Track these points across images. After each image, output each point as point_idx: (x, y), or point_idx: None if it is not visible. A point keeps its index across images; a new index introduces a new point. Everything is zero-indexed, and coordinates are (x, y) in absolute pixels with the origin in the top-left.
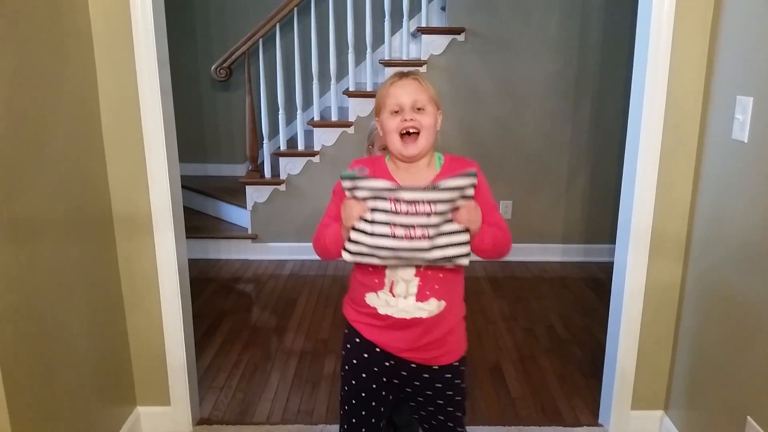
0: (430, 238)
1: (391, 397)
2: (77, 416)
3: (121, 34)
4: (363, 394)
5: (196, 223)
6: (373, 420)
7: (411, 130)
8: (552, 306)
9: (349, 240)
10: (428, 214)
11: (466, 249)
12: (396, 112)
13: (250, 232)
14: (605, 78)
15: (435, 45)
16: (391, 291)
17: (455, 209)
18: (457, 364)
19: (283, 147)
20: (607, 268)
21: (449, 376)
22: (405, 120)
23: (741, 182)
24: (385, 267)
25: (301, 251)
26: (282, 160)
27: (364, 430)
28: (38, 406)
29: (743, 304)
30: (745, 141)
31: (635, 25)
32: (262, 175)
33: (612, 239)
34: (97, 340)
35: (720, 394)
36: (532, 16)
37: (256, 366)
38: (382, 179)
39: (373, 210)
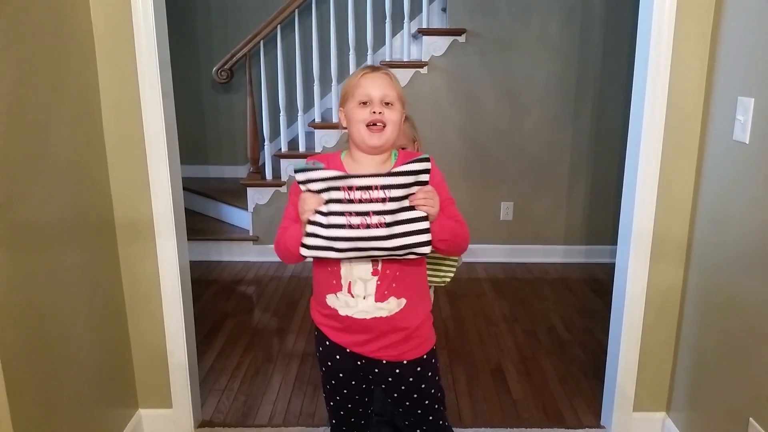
0: (387, 225)
1: (372, 388)
2: (79, 419)
3: (123, 37)
4: (345, 391)
5: (198, 225)
6: (360, 410)
7: (378, 124)
8: (553, 307)
9: (306, 234)
10: (383, 200)
11: (426, 237)
12: (364, 103)
13: (251, 234)
14: (606, 79)
15: (436, 46)
16: (349, 291)
17: (411, 196)
18: (426, 357)
19: (284, 149)
20: (608, 270)
21: (419, 369)
22: (374, 112)
23: (742, 184)
24: (340, 268)
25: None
26: (283, 162)
27: (353, 420)
28: (40, 409)
29: (745, 306)
30: (747, 142)
31: (636, 27)
32: (264, 177)
33: (613, 241)
34: (99, 343)
35: (722, 396)
36: (533, 18)
37: (258, 368)
38: (334, 169)
39: (328, 201)
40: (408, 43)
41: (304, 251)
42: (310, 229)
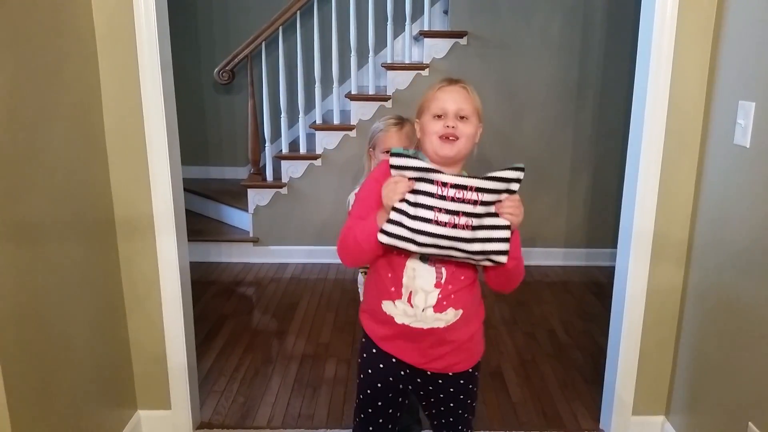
0: (473, 228)
1: (406, 402)
2: (78, 419)
3: (125, 38)
4: (379, 403)
5: (198, 226)
6: (390, 426)
7: (450, 137)
8: (553, 310)
9: (389, 221)
10: (474, 203)
11: (505, 246)
12: (439, 116)
13: (251, 235)
14: (607, 82)
15: (437, 48)
16: (409, 301)
17: (499, 203)
18: (471, 370)
19: (285, 150)
20: (608, 273)
21: (463, 381)
22: (447, 126)
23: (743, 187)
24: (402, 276)
25: (303, 254)
26: (284, 163)
27: None
28: (39, 409)
29: (745, 309)
30: (747, 146)
31: (637, 30)
32: (264, 178)
33: (614, 243)
34: (98, 344)
35: (721, 399)
36: (534, 20)
37: (257, 370)
38: (426, 161)
39: (418, 192)
40: (409, 45)
41: (383, 238)
42: (394, 216)
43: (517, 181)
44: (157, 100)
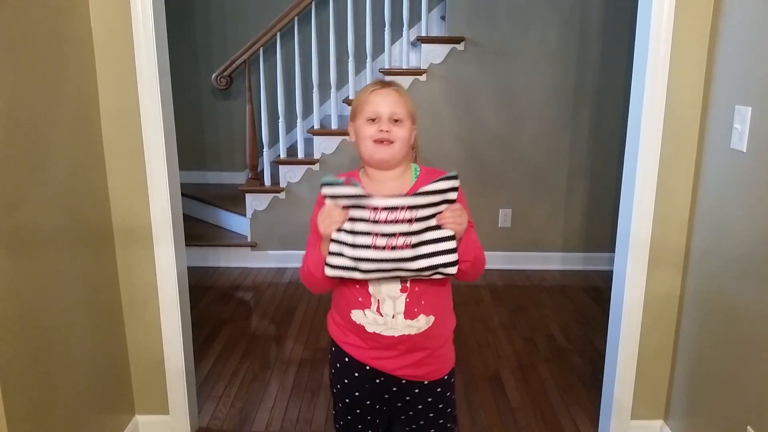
0: (413, 246)
1: (385, 408)
2: (76, 424)
3: (122, 43)
4: (357, 411)
5: (196, 231)
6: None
7: (385, 141)
8: (552, 315)
9: (330, 253)
10: (410, 221)
11: (453, 257)
12: (372, 120)
13: (249, 240)
14: (604, 87)
15: (435, 54)
16: (378, 310)
17: (438, 215)
18: (446, 377)
19: (282, 155)
20: (606, 277)
21: (440, 390)
22: (381, 130)
23: (740, 192)
24: (368, 284)
25: (301, 259)
26: (282, 168)
27: None
28: (37, 415)
29: (743, 314)
30: (744, 150)
31: (634, 35)
32: (262, 183)
33: (612, 248)
34: (97, 349)
35: (720, 404)
36: (531, 26)
37: (255, 374)
38: (358, 187)
39: (354, 220)
40: (407, 51)
41: (328, 271)
42: (334, 248)
43: (453, 189)
44: (155, 106)
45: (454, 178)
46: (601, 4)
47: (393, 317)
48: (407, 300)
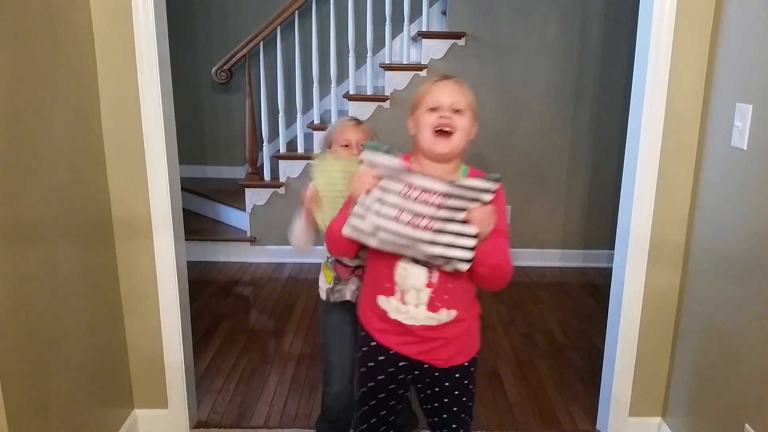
0: (434, 231)
1: (406, 394)
2: (74, 419)
3: (123, 37)
4: (381, 395)
5: (195, 226)
6: (391, 418)
7: (446, 129)
8: (550, 311)
9: (354, 214)
10: (438, 206)
11: (468, 254)
12: (433, 109)
13: (248, 234)
14: (605, 84)
15: (435, 49)
16: (402, 299)
17: (468, 211)
18: (467, 364)
19: (282, 150)
20: (605, 274)
21: (458, 376)
22: (442, 117)
23: (740, 189)
24: (395, 273)
25: (301, 254)
26: (281, 163)
27: (383, 428)
28: (36, 409)
29: (742, 311)
30: (744, 148)
31: (635, 31)
32: (262, 178)
33: (611, 245)
34: (95, 343)
35: (718, 401)
36: (532, 22)
37: (254, 369)
38: (399, 159)
39: (385, 190)
40: (407, 46)
41: (346, 229)
42: (359, 210)
43: (489, 192)
44: (155, 100)
45: (495, 180)
46: (602, 0)
47: (416, 307)
48: (431, 294)
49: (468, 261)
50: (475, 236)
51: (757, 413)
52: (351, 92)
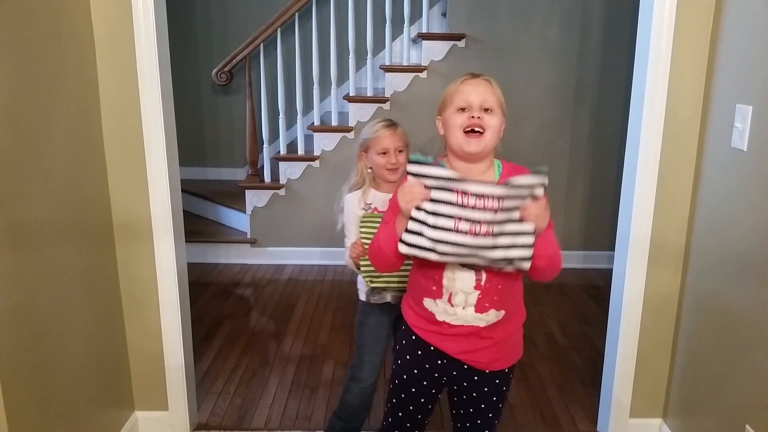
0: (494, 235)
1: (439, 395)
2: (75, 420)
3: (123, 39)
4: (413, 390)
5: (196, 227)
6: (420, 416)
7: (476, 129)
8: (551, 313)
9: (407, 231)
10: (495, 210)
11: (529, 252)
12: (463, 109)
13: (249, 236)
14: (605, 86)
15: (435, 51)
16: (449, 301)
17: (523, 208)
18: (507, 371)
19: (283, 151)
20: (605, 276)
21: (498, 381)
22: (472, 117)
23: (740, 190)
24: (443, 275)
25: (300, 256)
26: (282, 165)
27: (408, 425)
28: (36, 410)
29: (742, 313)
30: (745, 149)
31: (635, 33)
32: (262, 180)
33: (611, 246)
34: (96, 345)
35: (718, 402)
36: (532, 24)
37: (255, 371)
38: (446, 168)
39: (437, 201)
40: (408, 48)
41: (402, 248)
42: (413, 226)
43: (541, 186)
44: (156, 102)
45: (545, 173)
46: (602, 2)
47: (463, 308)
48: (480, 296)
49: (530, 258)
50: (532, 232)
51: (758, 414)
52: (351, 94)
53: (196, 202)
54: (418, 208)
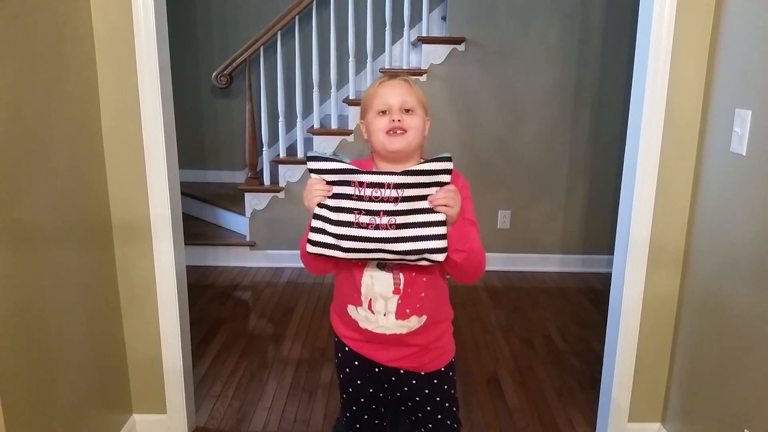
0: (397, 227)
1: (389, 397)
2: (73, 423)
3: (123, 41)
4: (362, 400)
5: (195, 230)
6: (377, 421)
7: (398, 131)
8: (550, 317)
9: (312, 229)
10: (395, 200)
11: (442, 243)
12: (383, 112)
13: (248, 239)
14: (604, 89)
15: (435, 54)
16: (369, 308)
17: (430, 196)
18: (444, 369)
19: (282, 154)
20: (605, 279)
21: (436, 381)
22: (393, 120)
23: (739, 195)
24: (361, 284)
25: (299, 259)
26: (281, 168)
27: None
28: (35, 413)
29: (741, 317)
30: (744, 154)
31: (635, 37)
32: (261, 183)
33: (610, 250)
34: (94, 347)
35: (717, 406)
36: (532, 27)
37: (253, 374)
38: (345, 162)
39: (338, 196)
40: (407, 51)
41: (309, 247)
42: (317, 224)
43: (446, 172)
44: (155, 104)
45: (447, 159)
46: (602, 6)
47: (384, 315)
48: (399, 301)
49: (443, 250)
50: (443, 222)
51: (757, 419)
52: (351, 97)
53: (195, 205)
54: (321, 206)
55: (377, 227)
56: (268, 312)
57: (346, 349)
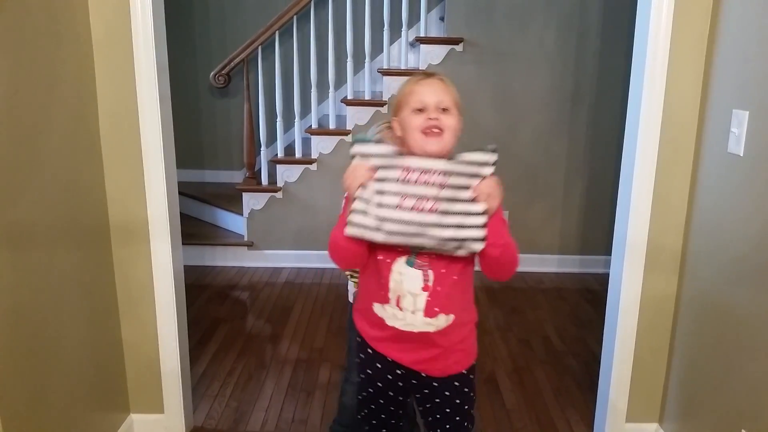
0: (440, 212)
1: (408, 400)
2: (70, 423)
3: (121, 41)
4: (381, 401)
5: (192, 230)
6: (393, 421)
7: (435, 130)
8: (547, 317)
9: (353, 211)
10: (441, 186)
11: (481, 232)
12: (419, 110)
13: (246, 239)
14: (602, 90)
15: (433, 55)
16: (398, 305)
17: (474, 187)
18: (465, 372)
19: (280, 154)
20: (602, 280)
21: (457, 384)
22: (430, 119)
23: (736, 195)
24: (389, 281)
25: (297, 259)
26: (279, 168)
27: (384, 430)
28: (32, 413)
29: (738, 317)
30: (741, 154)
31: (632, 38)
32: (259, 182)
33: (608, 251)
34: (92, 347)
35: (715, 406)
36: (530, 28)
37: (251, 374)
38: (393, 146)
39: (382, 180)
40: (405, 51)
41: (349, 229)
42: (359, 205)
43: (488, 164)
44: (153, 104)
45: (493, 151)
46: (600, 7)
47: (413, 313)
48: (428, 299)
49: (482, 240)
50: (484, 213)
51: (754, 419)
52: (349, 97)
53: (193, 205)
54: (364, 188)
55: (421, 210)
56: (265, 312)
57: (369, 351)
